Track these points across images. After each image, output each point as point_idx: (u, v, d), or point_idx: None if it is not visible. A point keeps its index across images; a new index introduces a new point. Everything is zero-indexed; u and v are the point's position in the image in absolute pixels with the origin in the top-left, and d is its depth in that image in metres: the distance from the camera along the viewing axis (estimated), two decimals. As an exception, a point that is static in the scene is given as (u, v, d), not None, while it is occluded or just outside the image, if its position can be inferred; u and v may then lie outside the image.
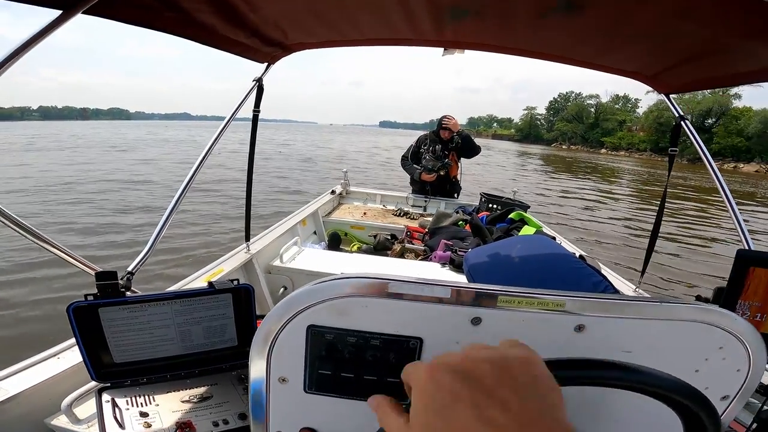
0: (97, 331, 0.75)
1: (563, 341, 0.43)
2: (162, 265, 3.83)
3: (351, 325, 0.42)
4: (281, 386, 0.44)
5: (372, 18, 1.14)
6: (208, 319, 0.83)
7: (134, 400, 0.77)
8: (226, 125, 1.43)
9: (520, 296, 0.42)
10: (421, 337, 0.43)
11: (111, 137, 25.49)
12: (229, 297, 0.83)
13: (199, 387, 0.83)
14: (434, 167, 3.46)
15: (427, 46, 1.33)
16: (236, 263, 1.70)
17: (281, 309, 0.41)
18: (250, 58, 1.40)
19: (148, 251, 1.03)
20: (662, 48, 1.08)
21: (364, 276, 0.41)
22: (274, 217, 4.45)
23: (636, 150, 47.61)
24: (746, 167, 32.94)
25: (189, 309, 0.80)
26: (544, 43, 1.20)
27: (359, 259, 2.11)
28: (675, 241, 6.47)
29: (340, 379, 0.44)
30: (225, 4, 0.97)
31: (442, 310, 0.42)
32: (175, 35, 1.00)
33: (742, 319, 0.43)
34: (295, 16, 1.15)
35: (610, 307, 0.43)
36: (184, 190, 1.20)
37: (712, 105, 39.77)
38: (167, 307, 0.78)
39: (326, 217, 3.04)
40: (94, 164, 11.32)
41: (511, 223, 2.34)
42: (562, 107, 66.02)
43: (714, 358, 0.44)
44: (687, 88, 1.32)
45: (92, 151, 15.30)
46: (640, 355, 0.44)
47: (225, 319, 0.84)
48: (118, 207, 6.16)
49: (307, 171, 11.73)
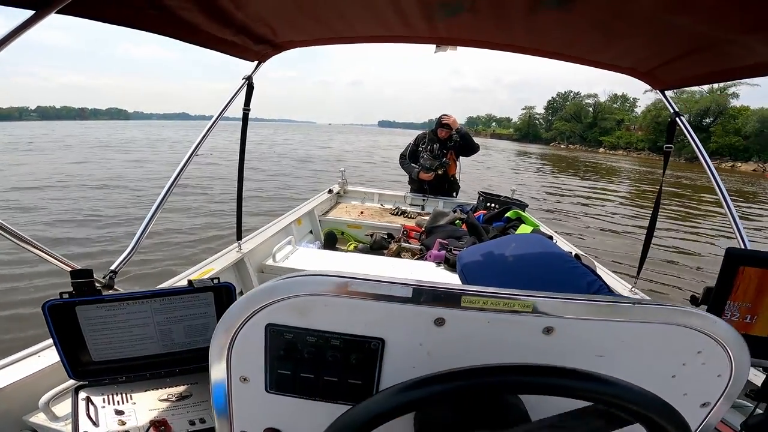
0: (75, 329, 0.74)
1: (530, 344, 0.42)
2: (151, 265, 3.81)
3: (310, 325, 0.41)
4: (243, 386, 0.43)
5: (363, 15, 1.13)
6: (189, 318, 0.81)
7: (111, 398, 0.76)
8: (214, 124, 1.41)
9: (485, 296, 0.41)
10: (382, 338, 0.42)
11: (107, 137, 25.37)
12: (211, 296, 0.82)
13: (179, 386, 0.82)
14: (432, 166, 3.44)
15: (420, 43, 1.31)
16: (227, 262, 1.69)
17: (239, 307, 0.40)
18: (239, 57, 1.38)
19: (132, 249, 1.02)
20: (656, 43, 1.07)
21: (323, 274, 0.40)
22: (268, 216, 4.43)
23: (634, 149, 47.65)
24: (744, 166, 33.04)
25: (169, 308, 0.79)
26: (538, 39, 1.19)
27: (353, 258, 2.10)
28: (674, 239, 6.46)
29: (300, 380, 0.43)
30: (209, 2, 0.95)
31: (404, 310, 0.40)
32: (159, 34, 0.97)
33: (722, 322, 0.41)
34: (283, 13, 1.13)
35: (580, 308, 0.41)
36: (170, 188, 1.19)
37: (709, 104, 39.77)
38: (146, 305, 0.77)
39: (323, 217, 3.03)
40: (86, 164, 11.25)
41: (507, 221, 2.34)
42: (561, 107, 66.01)
43: (692, 363, 0.43)
44: (682, 84, 1.31)
45: (77, 152, 15.13)
46: (613, 360, 0.42)
47: (207, 317, 0.83)
48: (103, 208, 6.08)
49: (303, 170, 11.72)
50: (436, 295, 0.40)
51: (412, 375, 0.36)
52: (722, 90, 39.98)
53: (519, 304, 0.41)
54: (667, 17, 0.89)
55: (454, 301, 0.40)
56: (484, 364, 0.35)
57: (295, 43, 1.41)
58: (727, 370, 0.43)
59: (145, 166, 11.55)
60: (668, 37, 1.01)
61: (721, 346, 0.42)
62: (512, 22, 1.08)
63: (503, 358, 0.41)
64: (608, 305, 0.41)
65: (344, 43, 1.37)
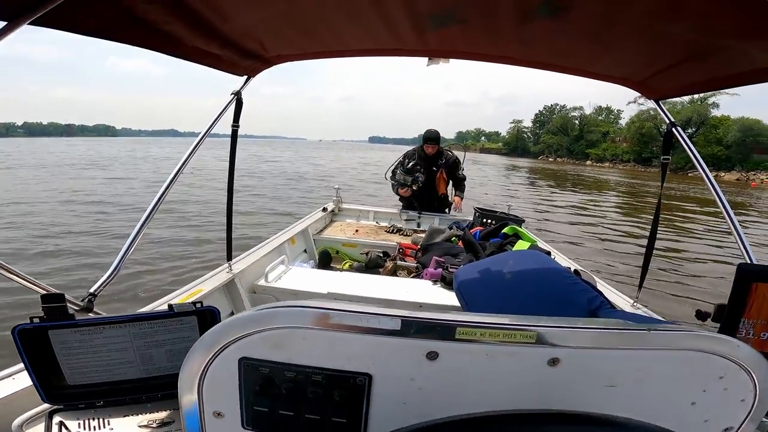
0: (49, 352, 0.70)
1: (534, 378, 0.38)
2: (137, 286, 3.69)
3: (289, 359, 0.38)
4: (217, 421, 0.40)
5: (353, 28, 1.12)
6: (171, 342, 0.77)
7: (87, 424, 0.72)
8: (201, 141, 1.37)
9: (483, 327, 0.37)
10: (369, 374, 0.38)
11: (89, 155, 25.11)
12: (194, 320, 0.78)
13: (161, 411, 0.78)
14: (405, 182, 3.45)
15: (412, 56, 1.30)
16: (216, 283, 1.63)
17: (209, 339, 0.37)
18: (227, 71, 1.35)
19: (113, 272, 0.98)
20: (650, 52, 1.06)
21: (301, 305, 0.37)
22: (259, 237, 4.34)
23: (620, 161, 48.68)
24: (727, 176, 33.88)
25: (149, 332, 0.75)
26: (531, 50, 1.19)
27: (347, 277, 2.05)
28: (675, 251, 6.44)
29: (279, 417, 0.40)
30: (193, 15, 0.92)
31: (392, 343, 0.37)
32: (141, 47, 0.95)
33: (745, 346, 0.38)
34: (272, 26, 1.11)
35: (590, 337, 0.38)
36: (155, 207, 1.14)
37: (691, 114, 40.95)
38: (124, 330, 0.73)
39: (317, 235, 2.99)
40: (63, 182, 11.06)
41: (504, 238, 2.32)
42: (548, 120, 67.54)
43: (713, 388, 0.40)
44: (677, 93, 1.30)
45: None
46: (625, 390, 0.39)
47: (190, 341, 0.79)
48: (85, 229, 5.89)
49: (294, 189, 11.67)
50: (428, 326, 0.37)
51: (403, 413, 0.33)
52: (703, 100, 41.31)
53: (521, 335, 0.37)
54: (660, 25, 0.89)
55: (449, 333, 0.37)
56: (482, 412, 0.32)
57: (285, 58, 1.39)
58: (752, 394, 0.41)
59: (131, 184, 11.41)
60: (661, 45, 1.01)
61: (745, 371, 0.39)
62: (504, 33, 1.07)
63: (503, 395, 0.38)
64: (620, 332, 0.38)
65: (335, 56, 1.36)
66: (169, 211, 6.75)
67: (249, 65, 1.39)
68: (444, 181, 3.68)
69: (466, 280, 1.52)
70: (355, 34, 1.17)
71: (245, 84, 1.49)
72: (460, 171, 3.69)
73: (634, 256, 5.73)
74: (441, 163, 3.59)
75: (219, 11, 0.95)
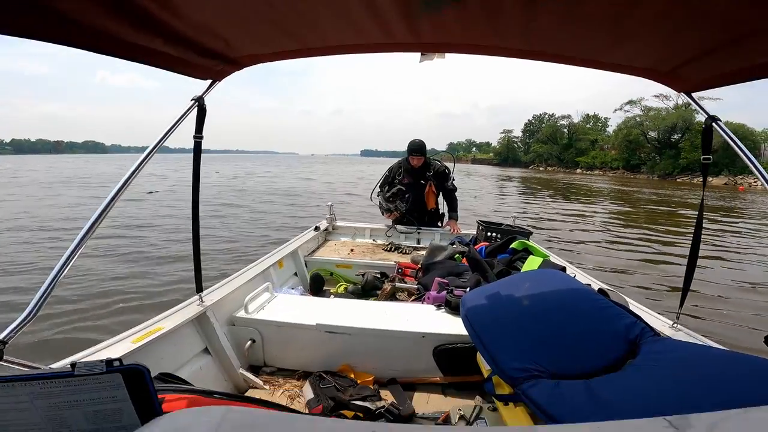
0: None
1: None
2: (68, 326, 3.14)
3: None
4: None
5: (334, 20, 0.96)
6: (91, 403, 0.60)
7: None
8: (150, 154, 1.18)
9: None
10: None
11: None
12: (118, 377, 0.60)
13: None
14: (388, 209, 3.36)
15: (403, 51, 1.14)
16: (183, 318, 1.43)
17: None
18: (186, 74, 1.18)
19: (31, 314, 0.81)
20: (681, 37, 0.91)
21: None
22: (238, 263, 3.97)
23: (609, 168, 49.31)
24: (715, 180, 34.26)
25: (56, 392, 0.59)
26: (538, 39, 1.03)
27: (340, 305, 1.86)
28: (708, 258, 6.00)
29: None
30: (136, 10, 0.78)
31: None
32: (81, 48, 0.79)
33: None
34: (236, 22, 0.95)
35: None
36: (86, 235, 0.95)
37: (676, 121, 41.75)
38: (21, 389, 0.58)
39: (309, 257, 2.80)
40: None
41: (513, 253, 2.15)
42: (537, 129, 68.48)
43: None
44: (713, 84, 1.13)
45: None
46: None
47: (117, 402, 0.61)
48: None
49: (284, 206, 11.37)
50: None
51: None
52: (686, 105, 42.21)
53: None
54: (695, 2, 0.75)
55: None
56: None
57: (257, 58, 1.22)
58: None
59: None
60: (696, 28, 0.85)
61: None
62: (507, 18, 0.92)
63: None
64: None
65: (314, 55, 1.19)
66: (122, 236, 6.26)
67: (212, 67, 1.21)
68: (434, 194, 3.52)
69: (475, 307, 1.33)
70: (336, 27, 1.01)
71: (209, 89, 1.31)
72: (449, 182, 3.52)
73: (650, 265, 5.57)
74: (429, 175, 3.44)
75: (168, 7, 0.80)
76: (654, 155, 44.06)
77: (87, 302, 3.60)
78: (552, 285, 1.35)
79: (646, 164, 44.40)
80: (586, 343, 1.10)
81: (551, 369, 1.01)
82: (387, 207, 3.36)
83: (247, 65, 1.26)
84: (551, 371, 1.01)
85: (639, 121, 46.04)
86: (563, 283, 1.38)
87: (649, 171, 43.28)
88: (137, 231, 6.88)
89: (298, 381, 1.60)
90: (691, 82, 1.17)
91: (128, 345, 1.20)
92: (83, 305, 3.54)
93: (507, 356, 1.06)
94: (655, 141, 44.52)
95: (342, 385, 1.49)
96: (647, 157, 44.78)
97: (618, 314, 1.18)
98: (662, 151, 42.71)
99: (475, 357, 1.39)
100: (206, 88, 1.31)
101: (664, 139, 43.24)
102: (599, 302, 1.23)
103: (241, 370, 1.58)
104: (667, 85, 1.20)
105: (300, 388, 1.54)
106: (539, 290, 1.32)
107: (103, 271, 4.52)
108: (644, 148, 45.80)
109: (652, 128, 44.46)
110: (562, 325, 1.18)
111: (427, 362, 1.56)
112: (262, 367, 1.67)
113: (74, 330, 3.12)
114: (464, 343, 1.49)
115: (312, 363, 1.62)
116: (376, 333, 1.57)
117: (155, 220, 7.95)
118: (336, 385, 1.48)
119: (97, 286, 4.01)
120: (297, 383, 1.58)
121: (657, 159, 43.24)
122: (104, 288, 3.98)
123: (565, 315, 1.21)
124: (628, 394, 0.88)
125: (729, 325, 3.64)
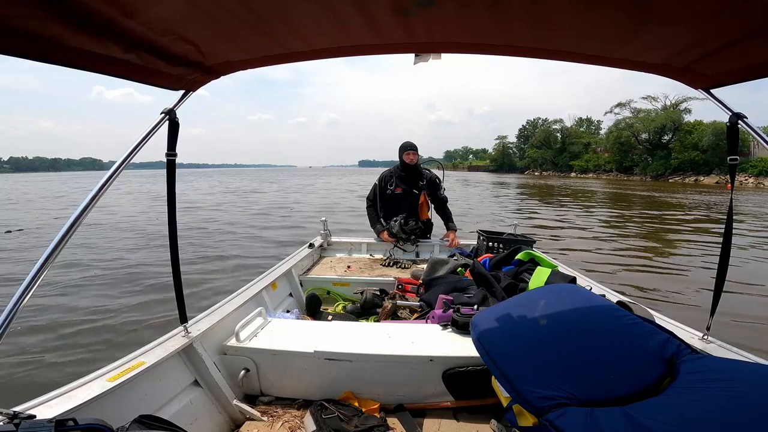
0: None
1: None
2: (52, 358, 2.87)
3: None
4: None
5: (317, 20, 0.88)
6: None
7: None
8: (118, 171, 1.09)
9: None
10: None
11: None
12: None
13: None
14: (399, 235, 3.20)
15: (396, 52, 1.05)
16: (167, 352, 1.32)
17: None
18: (156, 85, 1.09)
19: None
20: (698, 28, 0.84)
21: None
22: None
23: (602, 171, 49.71)
24: (706, 180, 34.50)
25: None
26: (543, 34, 0.95)
27: (339, 328, 1.75)
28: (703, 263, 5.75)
29: None
30: (81, 11, 0.69)
31: None
32: (30, 59, 0.71)
33: None
34: (207, 24, 0.86)
35: None
36: (45, 263, 0.87)
37: (665, 121, 42.17)
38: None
39: (304, 276, 2.68)
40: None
41: (519, 264, 2.05)
42: (531, 134, 69.06)
43: None
44: (734, 79, 1.05)
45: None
46: None
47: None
48: None
49: (278, 222, 11.24)
50: None
51: None
52: (675, 106, 42.69)
53: None
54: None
55: None
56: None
57: (233, 66, 1.13)
58: None
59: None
60: (716, 18, 0.78)
61: None
62: (509, 13, 0.84)
63: None
64: None
65: (299, 60, 1.09)
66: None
67: (184, 76, 1.12)
68: (427, 204, 3.45)
69: (488, 330, 1.23)
70: (321, 27, 0.93)
71: (181, 100, 1.21)
72: (440, 191, 3.46)
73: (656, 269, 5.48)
74: (422, 184, 3.37)
75: (125, 11, 0.72)
76: (646, 156, 44.44)
77: (53, 333, 3.30)
78: (570, 301, 1.25)
79: (638, 166, 44.75)
80: (617, 365, 1.00)
81: (579, 395, 0.92)
82: (398, 234, 3.18)
83: (223, 74, 1.16)
84: (580, 398, 0.91)
85: (629, 123, 46.51)
86: (581, 298, 1.28)
87: (641, 172, 43.60)
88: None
89: (298, 411, 1.49)
90: (709, 78, 1.09)
91: (102, 384, 1.08)
92: (51, 335, 3.25)
93: (529, 383, 0.97)
94: (646, 142, 44.96)
95: (346, 415, 1.38)
96: (639, 158, 45.15)
97: (648, 331, 1.08)
98: (653, 152, 43.09)
99: (489, 379, 1.29)
100: (178, 100, 1.20)
101: (655, 140, 43.66)
102: (624, 318, 1.13)
103: (235, 401, 1.48)
104: (683, 81, 1.12)
105: (301, 418, 1.44)
106: (557, 308, 1.22)
107: (67, 302, 4.09)
108: (636, 149, 46.20)
109: (643, 130, 44.93)
110: (587, 346, 1.08)
111: (435, 386, 1.46)
112: (258, 397, 1.56)
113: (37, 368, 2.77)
114: (476, 366, 1.39)
115: (312, 391, 1.52)
116: (379, 359, 1.46)
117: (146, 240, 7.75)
118: (339, 415, 1.38)
119: (63, 318, 3.63)
120: (297, 413, 1.48)
121: (649, 160, 43.59)
122: (70, 319, 3.58)
123: (590, 334, 1.11)
124: (676, 422, 0.78)
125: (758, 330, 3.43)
